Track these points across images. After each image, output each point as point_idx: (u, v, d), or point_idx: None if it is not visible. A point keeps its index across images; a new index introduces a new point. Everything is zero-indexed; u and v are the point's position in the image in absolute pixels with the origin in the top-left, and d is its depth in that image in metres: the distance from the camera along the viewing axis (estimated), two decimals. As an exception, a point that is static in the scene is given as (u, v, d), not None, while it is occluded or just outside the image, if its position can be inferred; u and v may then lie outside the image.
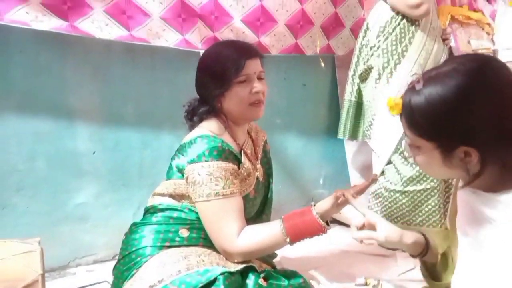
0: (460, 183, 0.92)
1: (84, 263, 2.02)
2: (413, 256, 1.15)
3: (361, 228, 1.14)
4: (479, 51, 2.61)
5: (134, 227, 1.38)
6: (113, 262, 1.43)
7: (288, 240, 1.29)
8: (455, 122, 0.80)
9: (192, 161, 1.29)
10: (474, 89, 0.79)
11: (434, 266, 1.14)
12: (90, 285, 1.76)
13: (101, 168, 2.02)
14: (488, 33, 2.86)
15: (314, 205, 1.34)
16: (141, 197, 2.05)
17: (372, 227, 1.11)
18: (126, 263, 1.31)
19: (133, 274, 1.26)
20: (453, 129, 0.80)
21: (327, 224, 1.33)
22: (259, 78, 1.40)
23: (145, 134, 2.10)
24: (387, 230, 1.09)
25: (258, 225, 1.36)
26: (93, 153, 1.99)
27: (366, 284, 1.05)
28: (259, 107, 1.40)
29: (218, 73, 1.36)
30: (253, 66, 1.38)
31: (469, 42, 2.76)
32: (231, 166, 1.31)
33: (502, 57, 2.63)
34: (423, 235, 1.15)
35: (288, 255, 2.03)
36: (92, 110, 1.98)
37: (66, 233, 1.97)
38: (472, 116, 0.79)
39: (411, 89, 0.86)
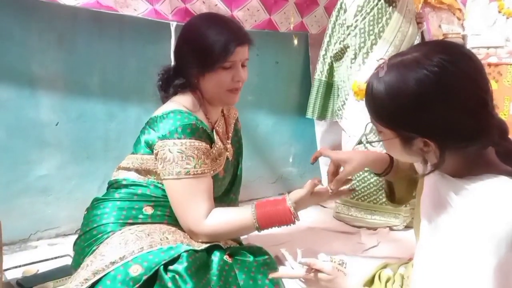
0: (427, 169, 0.92)
1: (46, 237, 1.97)
2: (377, 174, 1.21)
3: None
4: (449, 36, 2.65)
5: (96, 203, 1.34)
6: (76, 236, 1.39)
7: (257, 226, 1.28)
8: (411, 115, 0.79)
9: (163, 137, 1.24)
10: (433, 86, 0.77)
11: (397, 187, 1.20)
12: (52, 258, 1.71)
13: (64, 139, 1.96)
14: (459, 19, 2.90)
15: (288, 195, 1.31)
16: (106, 170, 1.99)
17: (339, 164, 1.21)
18: (87, 239, 1.27)
19: (94, 250, 1.22)
20: (410, 121, 0.80)
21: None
22: (243, 66, 1.35)
23: (111, 106, 2.03)
24: (351, 166, 1.18)
25: (228, 208, 1.34)
26: (56, 124, 1.92)
27: (331, 261, 1.07)
28: (236, 93, 1.36)
29: (204, 53, 1.28)
30: (241, 53, 1.32)
31: (440, 26, 2.79)
32: (203, 145, 1.27)
33: (471, 42, 2.68)
34: (389, 155, 1.18)
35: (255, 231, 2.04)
36: (55, 79, 1.90)
37: (27, 206, 1.91)
38: (429, 111, 0.77)
39: (375, 75, 0.85)
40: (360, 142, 2.19)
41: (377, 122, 0.87)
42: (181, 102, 1.32)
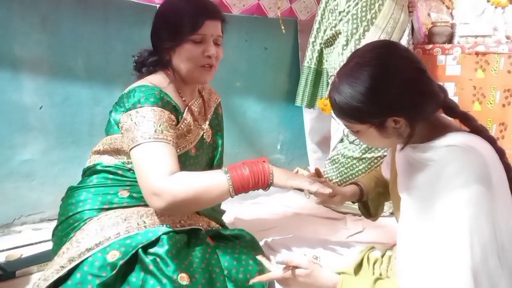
0: (399, 147, 1.01)
1: (29, 222, 1.96)
2: (353, 202, 1.40)
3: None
4: (438, 24, 2.65)
5: (71, 192, 1.30)
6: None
7: (230, 180, 1.12)
8: (374, 103, 0.92)
9: (127, 110, 1.21)
10: (379, 73, 0.92)
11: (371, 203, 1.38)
12: (36, 243, 1.70)
13: (48, 123, 1.93)
14: (448, 7, 2.90)
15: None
16: (91, 155, 1.98)
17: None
18: (64, 228, 1.24)
19: (71, 237, 1.19)
20: (375, 108, 0.93)
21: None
22: (216, 44, 1.30)
23: (96, 90, 2.01)
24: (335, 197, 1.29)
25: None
26: (40, 108, 1.90)
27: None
28: (209, 71, 1.32)
29: (172, 26, 1.26)
30: (212, 28, 1.27)
31: (429, 14, 2.79)
32: (167, 114, 1.22)
33: (459, 31, 2.68)
34: (357, 185, 1.35)
35: (242, 216, 2.05)
36: (39, 62, 1.87)
37: (11, 190, 1.89)
38: (385, 93, 0.91)
39: (332, 89, 0.98)
40: (342, 140, 2.20)
41: (350, 124, 0.98)
42: (149, 79, 1.30)
